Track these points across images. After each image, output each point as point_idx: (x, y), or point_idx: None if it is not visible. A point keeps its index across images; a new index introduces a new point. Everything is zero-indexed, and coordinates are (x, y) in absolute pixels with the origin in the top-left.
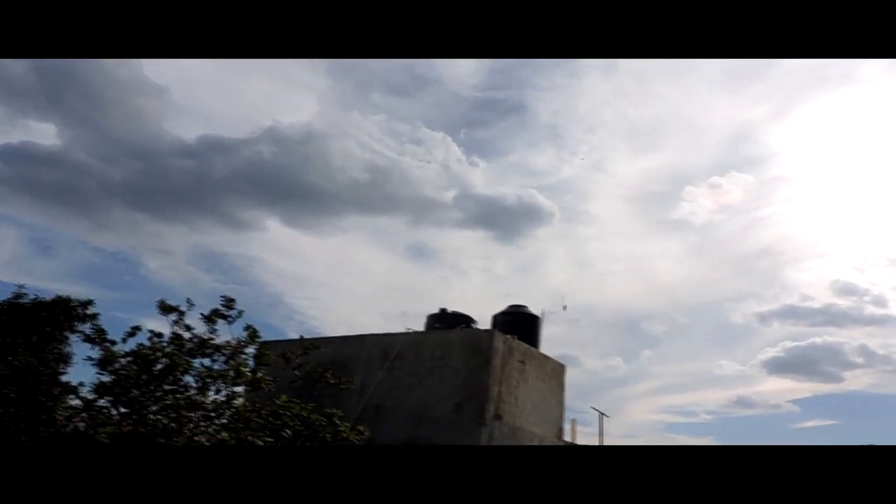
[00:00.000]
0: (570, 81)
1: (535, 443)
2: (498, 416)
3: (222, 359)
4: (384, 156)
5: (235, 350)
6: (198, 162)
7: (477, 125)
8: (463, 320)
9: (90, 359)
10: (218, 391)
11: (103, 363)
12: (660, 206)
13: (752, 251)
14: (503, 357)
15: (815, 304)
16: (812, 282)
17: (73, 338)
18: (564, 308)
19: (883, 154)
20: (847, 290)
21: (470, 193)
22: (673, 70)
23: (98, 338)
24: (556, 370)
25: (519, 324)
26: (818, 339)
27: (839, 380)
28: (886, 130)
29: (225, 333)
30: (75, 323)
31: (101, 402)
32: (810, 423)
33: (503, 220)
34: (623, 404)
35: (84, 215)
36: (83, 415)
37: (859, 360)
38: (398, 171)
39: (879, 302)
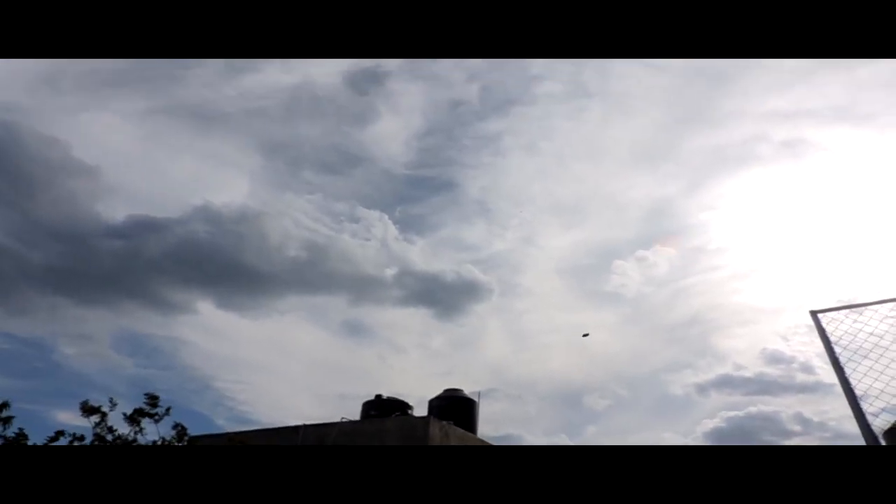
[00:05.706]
0: (496, 160)
1: None
2: None
3: None
4: (322, 234)
5: None
6: (127, 242)
7: (410, 202)
8: (398, 406)
9: None
10: None
11: None
12: (591, 279)
13: (682, 320)
14: (439, 444)
15: (747, 373)
16: (741, 349)
17: None
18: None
19: (789, 222)
20: (775, 358)
21: (410, 270)
22: (588, 152)
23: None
24: None
25: (455, 408)
26: (754, 409)
27: None
28: (789, 203)
29: (152, 432)
30: None
31: None
32: None
33: (443, 296)
34: None
35: None
36: None
37: (797, 427)
38: (337, 250)
39: (807, 369)
